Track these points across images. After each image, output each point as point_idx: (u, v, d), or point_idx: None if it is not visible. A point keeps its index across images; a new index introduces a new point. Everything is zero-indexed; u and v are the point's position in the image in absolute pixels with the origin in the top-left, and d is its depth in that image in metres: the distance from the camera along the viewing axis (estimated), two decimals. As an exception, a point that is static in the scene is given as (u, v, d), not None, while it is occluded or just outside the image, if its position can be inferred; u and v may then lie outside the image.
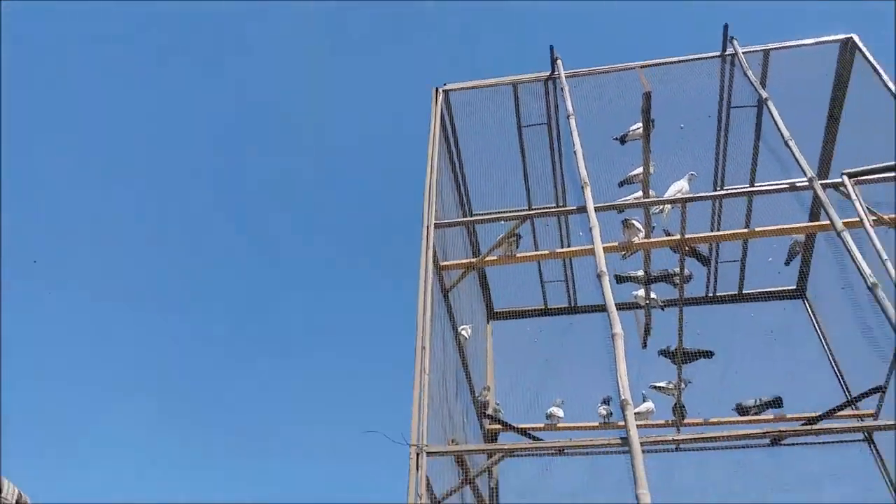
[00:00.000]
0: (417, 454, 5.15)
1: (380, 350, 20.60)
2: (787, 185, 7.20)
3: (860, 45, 7.59)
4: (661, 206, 7.33)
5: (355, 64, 18.82)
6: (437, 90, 8.03)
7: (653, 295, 7.74)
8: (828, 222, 6.37)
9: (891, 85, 7.16)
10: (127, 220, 19.09)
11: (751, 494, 6.69)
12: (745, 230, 7.75)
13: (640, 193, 7.54)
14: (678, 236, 7.09)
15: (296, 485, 19.17)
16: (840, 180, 6.60)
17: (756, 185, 8.10)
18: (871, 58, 7.45)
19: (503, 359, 8.43)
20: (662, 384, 7.55)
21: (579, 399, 7.52)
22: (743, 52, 7.84)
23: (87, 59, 17.69)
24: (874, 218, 6.42)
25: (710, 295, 8.65)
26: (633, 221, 7.35)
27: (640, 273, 7.69)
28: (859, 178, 6.65)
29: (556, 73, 8.00)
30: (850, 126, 7.84)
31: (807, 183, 6.62)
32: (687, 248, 7.18)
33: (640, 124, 7.44)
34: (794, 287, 8.69)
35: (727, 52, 7.95)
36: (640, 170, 7.56)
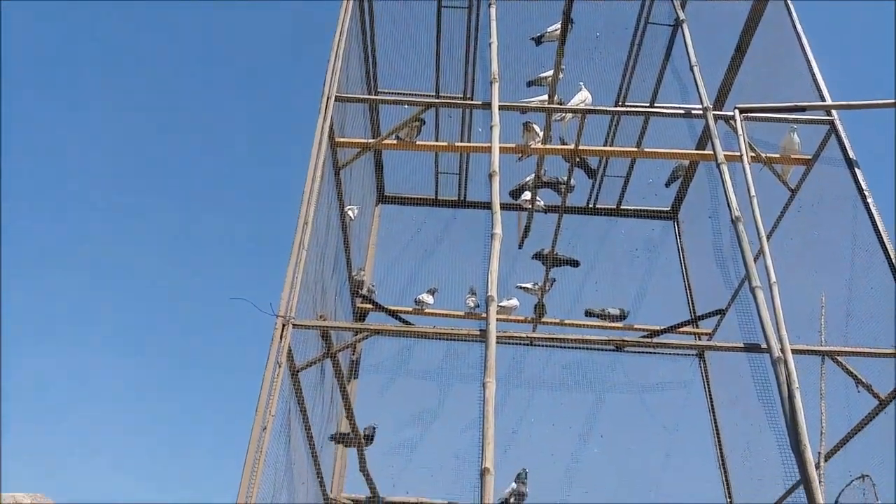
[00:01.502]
0: (283, 325, 5.28)
1: (265, 226, 20.42)
2: (684, 111, 7.38)
3: (781, -20, 7.58)
4: (563, 115, 7.37)
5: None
6: (358, -51, 7.49)
7: (538, 199, 7.94)
8: (711, 153, 6.61)
9: (799, 27, 7.28)
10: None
11: (589, 391, 7.40)
12: (636, 149, 7.94)
13: (545, 97, 7.51)
14: (572, 146, 7.21)
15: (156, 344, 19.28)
16: (732, 113, 6.81)
17: (655, 105, 8.25)
18: (788, -5, 7.48)
19: (386, 242, 8.54)
20: (528, 285, 7.90)
21: (452, 288, 7.81)
22: (671, -33, 7.70)
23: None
24: (753, 154, 6.75)
25: (591, 206, 8.92)
26: (533, 125, 7.35)
27: (531, 178, 7.83)
28: (750, 114, 6.90)
29: (487, -46, 7.60)
30: (753, 62, 7.98)
31: (701, 111, 6.78)
32: (577, 159, 7.33)
33: (558, 25, 7.29)
34: (669, 209, 9.05)
35: (656, -36, 7.79)
36: (550, 72, 7.47)
